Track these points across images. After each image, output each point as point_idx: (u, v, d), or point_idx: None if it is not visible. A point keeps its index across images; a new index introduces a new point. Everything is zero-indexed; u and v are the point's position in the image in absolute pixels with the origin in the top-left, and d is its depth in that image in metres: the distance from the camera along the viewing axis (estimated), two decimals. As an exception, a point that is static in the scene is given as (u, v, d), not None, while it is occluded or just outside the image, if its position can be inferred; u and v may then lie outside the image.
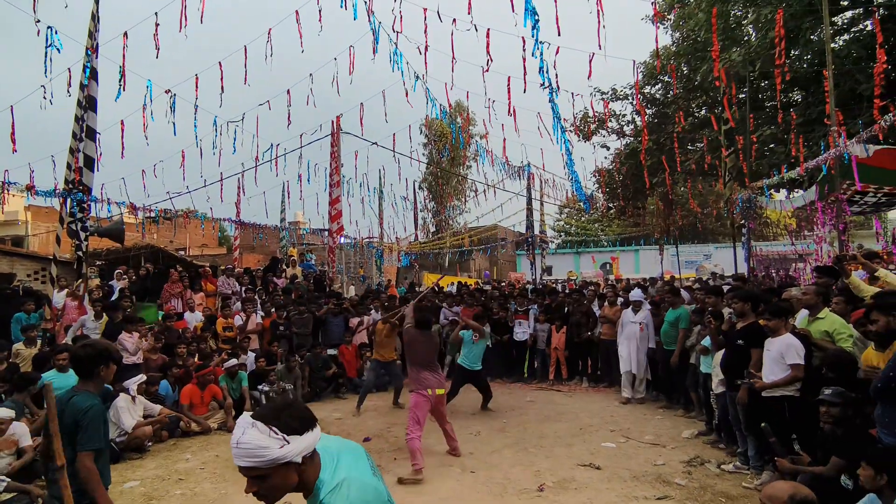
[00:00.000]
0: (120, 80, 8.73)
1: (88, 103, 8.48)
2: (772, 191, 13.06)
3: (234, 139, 11.45)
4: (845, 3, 12.97)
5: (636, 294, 8.61)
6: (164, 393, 7.20)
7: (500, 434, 6.69)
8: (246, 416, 1.47)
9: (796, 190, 13.75)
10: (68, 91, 8.53)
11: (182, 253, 19.35)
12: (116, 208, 9.71)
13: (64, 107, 9.05)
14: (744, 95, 12.57)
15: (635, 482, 4.95)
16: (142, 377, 6.58)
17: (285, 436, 1.42)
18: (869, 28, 13.16)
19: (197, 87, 9.65)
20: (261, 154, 13.27)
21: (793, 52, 12.61)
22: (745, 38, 14.10)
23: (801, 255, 16.78)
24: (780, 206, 12.74)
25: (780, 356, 4.36)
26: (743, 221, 13.61)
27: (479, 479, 5.11)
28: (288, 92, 10.95)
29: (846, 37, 13.34)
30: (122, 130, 10.05)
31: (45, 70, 7.84)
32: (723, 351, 5.46)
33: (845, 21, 13.48)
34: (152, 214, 11.22)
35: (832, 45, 9.17)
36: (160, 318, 9.26)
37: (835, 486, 3.32)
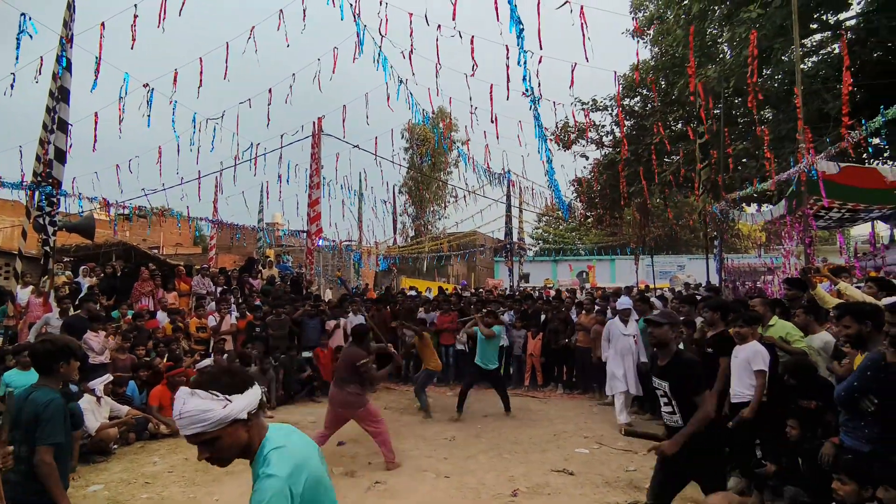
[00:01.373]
0: (95, 72, 8.51)
1: (61, 94, 8.26)
2: (743, 204, 13.42)
3: (214, 137, 11.28)
4: (815, 26, 13.46)
5: (624, 302, 7.74)
6: (130, 394, 7.02)
7: (475, 439, 6.69)
8: (184, 388, 1.52)
9: (766, 204, 14.17)
10: (36, 79, 8.29)
11: (156, 252, 18.92)
12: (88, 203, 9.44)
13: (34, 96, 8.82)
14: (718, 111, 12.92)
15: (608, 488, 5.01)
16: (108, 377, 6.41)
17: (227, 395, 1.49)
18: (836, 51, 13.70)
19: (175, 81, 9.49)
20: (240, 153, 13.08)
21: (765, 72, 13.00)
22: (721, 55, 14.51)
23: (770, 268, 17.26)
24: (751, 220, 13.09)
25: (746, 363, 4.47)
26: (715, 234, 13.96)
27: (454, 485, 5.10)
28: (269, 91, 10.86)
29: (815, 58, 13.84)
30: (96, 123, 9.81)
31: (17, 58, 7.61)
32: None
33: (814, 43, 13.99)
34: (126, 211, 10.95)
35: (801, 65, 9.50)
36: (130, 318, 9.03)
37: None
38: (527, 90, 8.04)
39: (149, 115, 9.19)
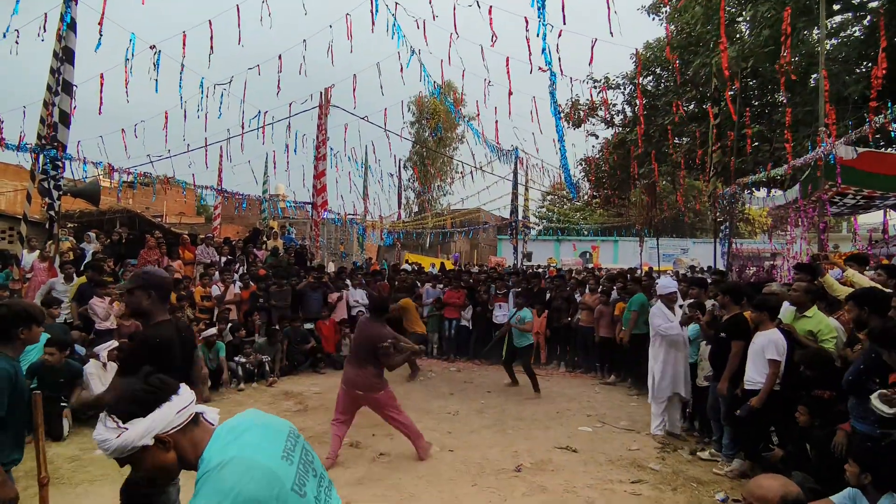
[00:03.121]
0: (99, 31, 8.29)
1: (66, 55, 8.08)
2: (753, 189, 13.26)
3: (221, 103, 11.07)
4: (837, 7, 13.08)
5: (668, 284, 6.20)
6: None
7: (479, 415, 6.72)
8: (102, 413, 1.44)
9: (775, 189, 13.99)
10: (41, 35, 8.10)
11: (159, 220, 18.87)
12: (93, 168, 9.33)
13: (38, 55, 8.63)
14: (733, 92, 12.66)
15: (611, 466, 5.03)
16: (113, 343, 6.41)
17: (121, 423, 1.38)
18: (857, 34, 13.34)
19: (184, 45, 9.26)
20: (247, 121, 12.89)
21: (783, 53, 12.70)
22: (738, 35, 14.15)
23: (775, 254, 17.16)
24: (760, 203, 12.95)
25: (761, 350, 4.42)
26: (723, 217, 13.82)
27: (457, 459, 5.13)
28: (279, 58, 10.62)
29: (835, 40, 13.49)
30: (102, 85, 9.61)
31: (16, 10, 7.40)
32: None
33: (835, 25, 13.62)
34: (130, 178, 10.84)
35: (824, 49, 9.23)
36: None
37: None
38: (547, 63, 7.83)
39: (156, 80, 9.01)
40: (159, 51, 9.19)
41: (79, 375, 5.77)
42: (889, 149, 12.29)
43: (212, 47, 9.32)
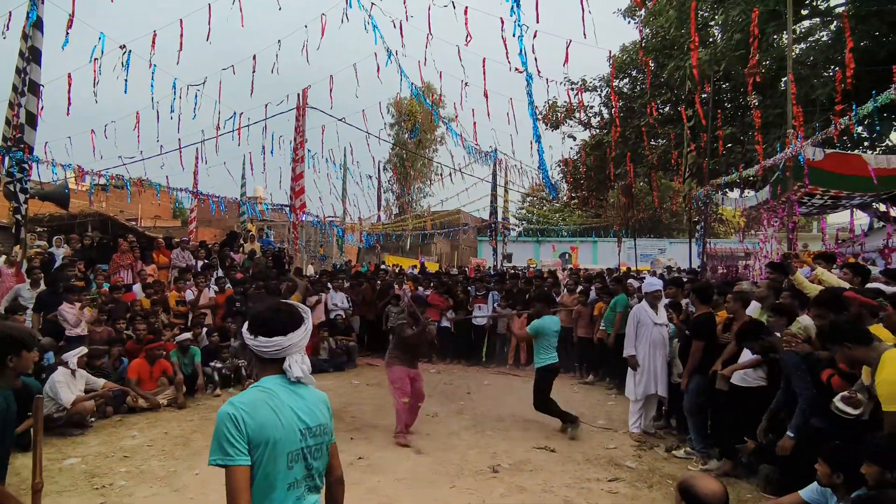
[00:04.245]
0: (67, 29, 8.08)
1: (32, 55, 7.87)
2: (726, 190, 13.54)
3: (196, 104, 10.88)
4: (805, 12, 13.45)
5: (653, 283, 6.37)
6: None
7: (458, 416, 6.72)
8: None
9: (748, 190, 14.31)
10: (3, 34, 7.87)
11: (134, 224, 18.49)
12: (61, 171, 9.08)
13: (2, 55, 8.39)
14: (706, 95, 12.93)
15: (588, 465, 5.07)
16: (82, 349, 6.23)
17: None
18: (825, 38, 13.74)
19: (154, 44, 9.07)
20: (222, 123, 12.70)
21: (752, 54, 13.02)
22: (711, 39, 14.45)
23: (748, 253, 17.55)
24: (733, 205, 13.23)
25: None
26: (698, 217, 14.09)
27: (436, 460, 5.12)
28: (254, 58, 10.49)
29: (803, 45, 13.87)
30: (69, 85, 9.35)
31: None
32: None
33: (803, 30, 14.01)
34: (101, 180, 10.58)
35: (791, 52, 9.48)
36: (107, 289, 8.81)
37: None
38: (523, 63, 7.89)
39: (126, 79, 8.80)
40: (129, 51, 9.00)
41: (36, 394, 5.59)
42: (855, 150, 12.69)
43: (181, 45, 9.12)
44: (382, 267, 15.23)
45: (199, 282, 9.08)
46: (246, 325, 1.80)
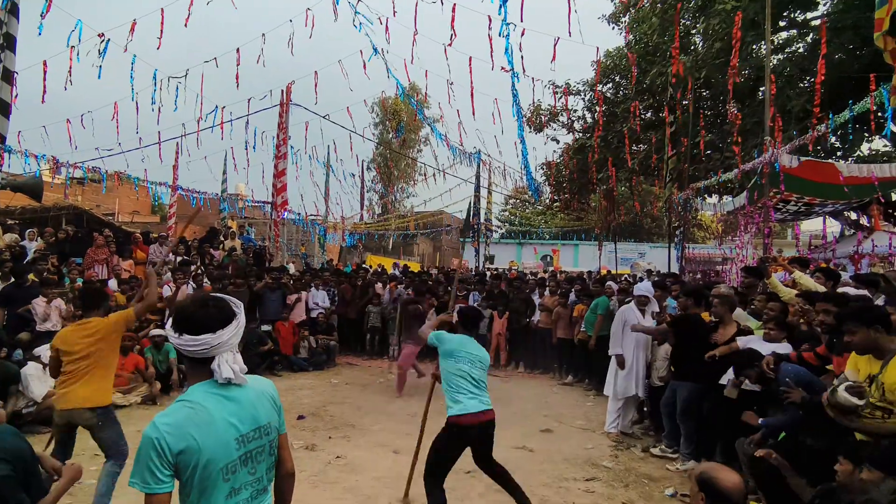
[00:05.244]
0: (43, 15, 7.86)
1: (6, 42, 7.67)
2: (705, 195, 13.80)
3: (177, 96, 10.67)
4: (783, 24, 13.78)
5: (643, 287, 6.66)
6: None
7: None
8: None
9: (727, 196, 14.60)
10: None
11: (110, 219, 18.08)
12: (35, 162, 8.85)
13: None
14: (687, 102, 13.16)
15: (566, 464, 5.12)
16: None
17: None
18: (801, 50, 14.09)
19: (132, 32, 8.84)
20: (204, 116, 12.50)
21: (733, 58, 13.29)
22: (693, 47, 14.71)
23: (725, 258, 17.88)
24: (712, 210, 13.48)
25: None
26: (677, 222, 14.32)
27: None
28: (237, 51, 10.35)
29: (781, 56, 14.20)
30: (45, 73, 9.08)
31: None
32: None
33: (781, 41, 14.34)
34: (76, 172, 10.34)
35: (769, 61, 9.70)
36: (80, 284, 8.61)
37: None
38: (509, 62, 7.92)
39: (100, 67, 8.57)
40: (108, 39, 8.79)
41: (14, 379, 5.47)
42: (828, 160, 13.03)
43: (161, 34, 8.91)
44: (364, 266, 15.16)
45: (176, 278, 8.92)
46: (170, 321, 1.67)
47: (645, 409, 6.36)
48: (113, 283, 8.88)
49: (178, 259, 10.44)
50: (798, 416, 3.52)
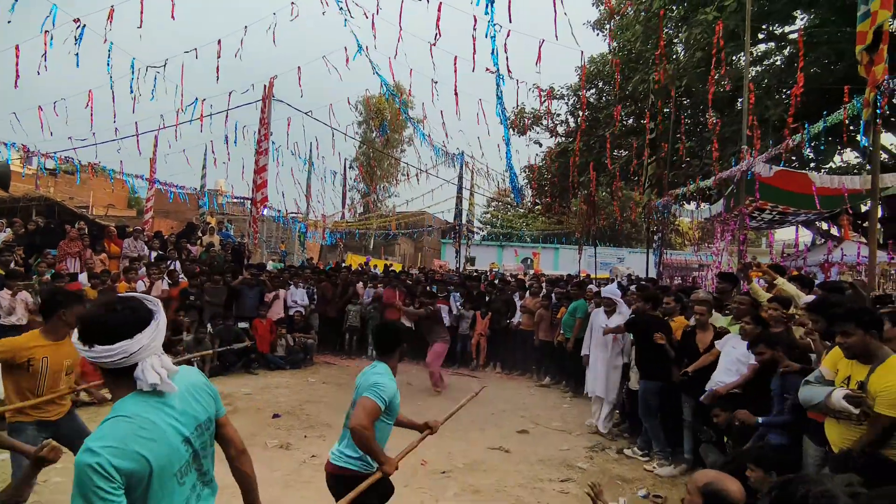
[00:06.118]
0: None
1: (-23, 26, 7.42)
2: (683, 202, 14.03)
3: (154, 87, 10.42)
4: (762, 36, 14.09)
5: (609, 290, 6.79)
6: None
7: (416, 417, 6.66)
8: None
9: (704, 203, 14.87)
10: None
11: (83, 211, 17.65)
12: (5, 149, 8.57)
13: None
14: (668, 110, 13.36)
15: (541, 465, 5.14)
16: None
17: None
18: (778, 63, 14.42)
19: (111, 19, 8.60)
20: (183, 108, 12.26)
21: (714, 75, 13.54)
22: (674, 55, 14.95)
23: (702, 265, 18.21)
24: (690, 217, 13.72)
25: (745, 357, 4.28)
26: (656, 228, 14.53)
27: (391, 459, 5.07)
28: (219, 43, 10.16)
29: (759, 68, 14.51)
30: (17, 58, 8.78)
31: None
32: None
33: (759, 53, 14.67)
34: (47, 162, 10.05)
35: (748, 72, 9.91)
36: (48, 278, 8.37)
37: None
38: (494, 63, 7.94)
39: (77, 54, 8.33)
40: (83, 25, 8.53)
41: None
42: (805, 170, 13.36)
43: (141, 21, 8.67)
44: (344, 265, 15.06)
45: (151, 273, 8.75)
46: (76, 334, 1.50)
47: (616, 410, 6.44)
48: (83, 277, 8.66)
49: (154, 254, 10.24)
50: (799, 416, 3.51)
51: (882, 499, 0.79)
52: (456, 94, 10.22)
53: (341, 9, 9.23)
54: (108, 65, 9.14)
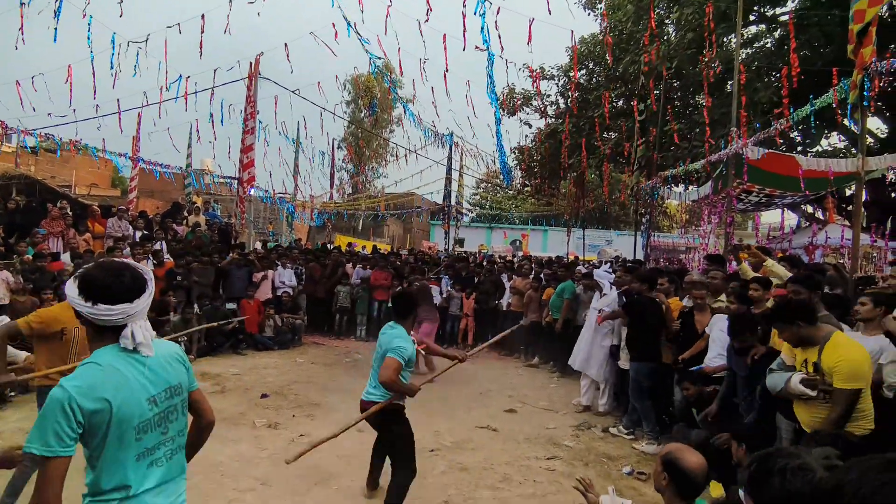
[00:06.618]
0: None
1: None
2: (671, 184, 14.10)
3: (136, 63, 10.13)
4: (753, 18, 14.03)
5: (601, 273, 7.01)
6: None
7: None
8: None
9: (693, 186, 14.95)
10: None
11: (66, 190, 17.29)
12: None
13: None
14: (658, 91, 13.31)
15: (528, 443, 5.21)
16: (3, 318, 5.83)
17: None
18: (769, 45, 14.39)
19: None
20: (167, 85, 11.97)
21: (705, 56, 13.48)
22: (665, 36, 14.86)
23: (689, 247, 18.37)
24: (678, 199, 13.78)
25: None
26: (644, 210, 14.60)
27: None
28: (202, 17, 9.89)
29: (749, 50, 14.48)
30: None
31: None
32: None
33: (750, 35, 14.62)
34: (25, 139, 9.78)
35: (739, 53, 9.88)
36: (30, 257, 8.22)
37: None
38: (484, 42, 7.82)
39: (55, 29, 8.08)
40: (62, -1, 8.25)
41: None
42: (793, 153, 13.45)
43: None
44: (333, 247, 14.97)
45: (135, 253, 8.63)
46: (75, 287, 1.62)
47: (602, 388, 6.50)
48: (66, 257, 8.53)
49: (139, 234, 10.10)
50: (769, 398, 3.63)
51: (854, 470, 0.82)
52: (446, 72, 10.09)
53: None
54: (88, 39, 8.86)
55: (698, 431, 4.31)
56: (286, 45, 11.59)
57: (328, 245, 15.91)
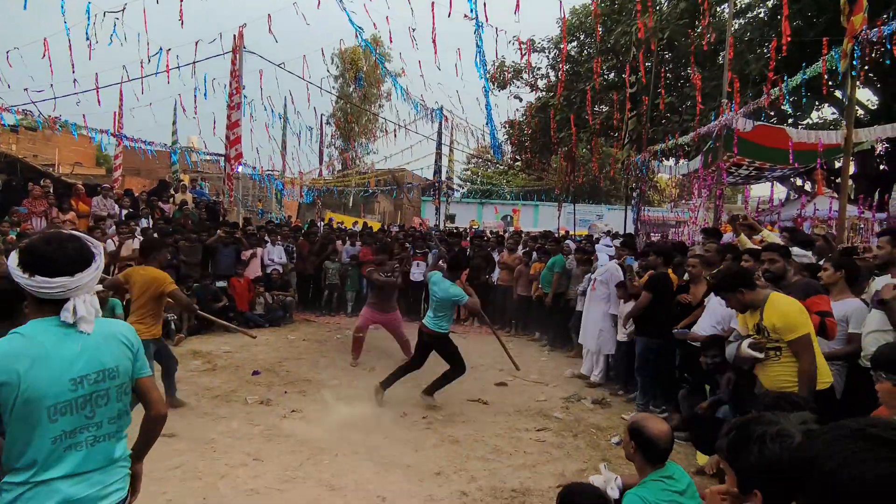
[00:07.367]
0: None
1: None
2: (662, 158, 14.07)
3: (113, 33, 9.77)
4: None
5: (601, 246, 7.13)
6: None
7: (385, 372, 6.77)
8: None
9: (683, 159, 14.94)
10: None
11: (49, 169, 16.95)
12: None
13: None
14: (649, 64, 13.17)
15: (519, 416, 5.28)
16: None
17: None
18: (761, 15, 14.23)
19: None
20: (148, 58, 11.63)
21: (697, 27, 13.31)
22: (658, 6, 14.65)
23: (679, 221, 18.45)
24: (668, 172, 13.77)
25: (729, 316, 4.27)
26: (635, 184, 14.58)
27: (371, 413, 5.16)
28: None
29: (741, 20, 14.32)
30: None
31: None
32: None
33: (742, 5, 14.43)
34: (9, 119, 9.53)
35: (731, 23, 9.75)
36: (14, 237, 8.09)
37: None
38: (472, 10, 7.66)
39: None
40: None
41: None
42: (783, 125, 13.42)
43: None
44: (321, 223, 14.88)
45: (121, 231, 8.51)
46: (16, 258, 1.54)
47: (595, 358, 6.59)
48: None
49: (125, 212, 9.94)
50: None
51: (818, 442, 0.82)
52: (434, 40, 9.87)
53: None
54: (62, 8, 8.55)
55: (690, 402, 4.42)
56: (269, 15, 11.26)
57: (318, 222, 15.79)
